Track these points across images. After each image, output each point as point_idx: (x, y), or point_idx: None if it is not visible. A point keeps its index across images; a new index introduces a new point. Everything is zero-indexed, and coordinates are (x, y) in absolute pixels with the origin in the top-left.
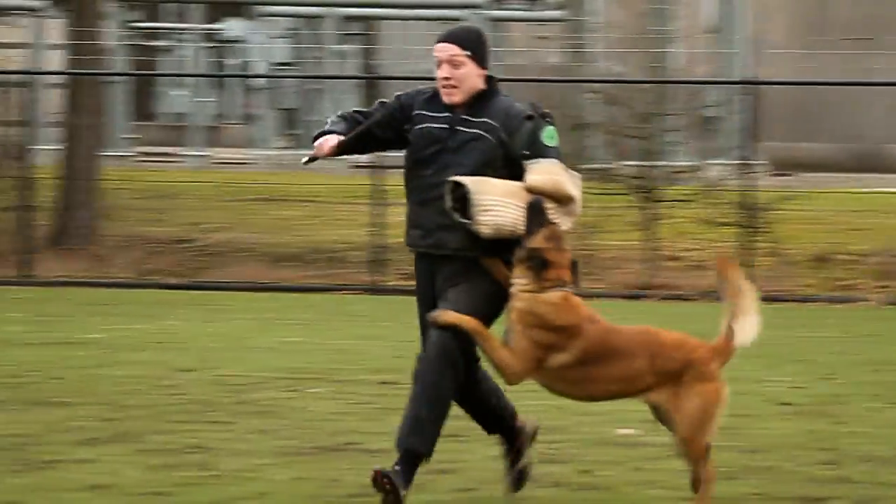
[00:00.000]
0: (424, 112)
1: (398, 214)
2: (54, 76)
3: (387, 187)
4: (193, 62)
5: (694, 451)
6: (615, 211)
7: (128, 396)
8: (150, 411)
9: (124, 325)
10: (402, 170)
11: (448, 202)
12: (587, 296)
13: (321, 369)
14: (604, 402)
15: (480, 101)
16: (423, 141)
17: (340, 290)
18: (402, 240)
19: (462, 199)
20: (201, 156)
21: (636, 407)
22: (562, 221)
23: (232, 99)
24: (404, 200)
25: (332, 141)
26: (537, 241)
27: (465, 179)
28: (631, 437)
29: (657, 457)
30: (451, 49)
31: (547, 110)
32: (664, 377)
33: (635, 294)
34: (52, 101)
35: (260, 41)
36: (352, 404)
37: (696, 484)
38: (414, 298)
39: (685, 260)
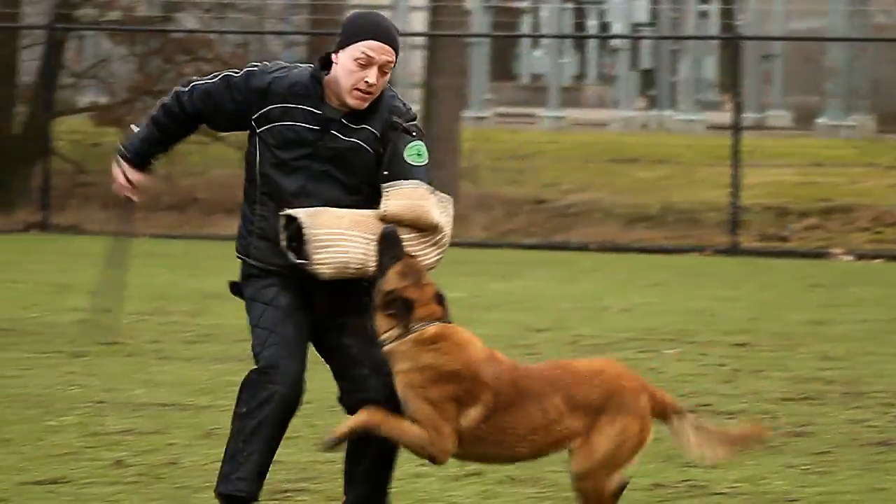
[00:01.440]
0: (289, 105)
1: (756, 175)
2: (416, 38)
3: (745, 148)
4: (553, 23)
5: (591, 491)
6: None
7: None
8: None
9: (480, 285)
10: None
11: (283, 239)
12: None
13: (676, 330)
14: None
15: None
16: (287, 142)
17: (697, 251)
18: (760, 201)
19: (298, 234)
20: (559, 117)
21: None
22: (425, 253)
23: (591, 59)
24: (760, 162)
25: (127, 176)
26: (391, 281)
27: (299, 212)
28: None
29: None
30: (389, 54)
31: (413, 121)
32: (586, 413)
33: None
34: (413, 62)
35: (620, 1)
36: (706, 366)
37: None
38: (769, 260)
39: None
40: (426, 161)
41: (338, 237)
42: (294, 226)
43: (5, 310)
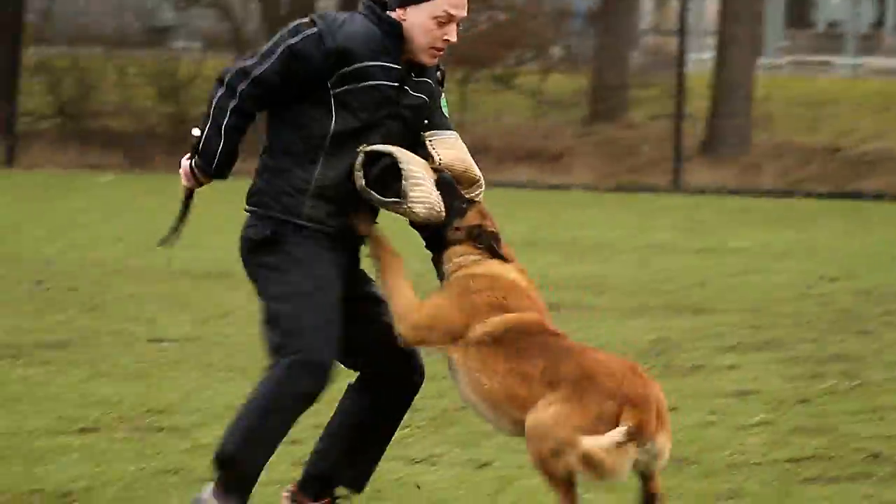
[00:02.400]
0: (378, 63)
1: None
2: None
3: None
4: None
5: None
6: None
7: (773, 304)
8: (795, 319)
9: (771, 234)
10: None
11: (360, 179)
12: None
13: None
14: None
15: None
16: (369, 102)
17: None
18: None
19: (384, 172)
20: (856, 65)
21: None
22: None
23: (890, 6)
24: None
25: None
26: (474, 217)
27: (391, 148)
28: None
29: None
30: (465, 8)
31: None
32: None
33: None
34: (709, 9)
35: None
36: None
37: None
38: None
39: None
40: None
41: (426, 179)
42: (382, 163)
43: None
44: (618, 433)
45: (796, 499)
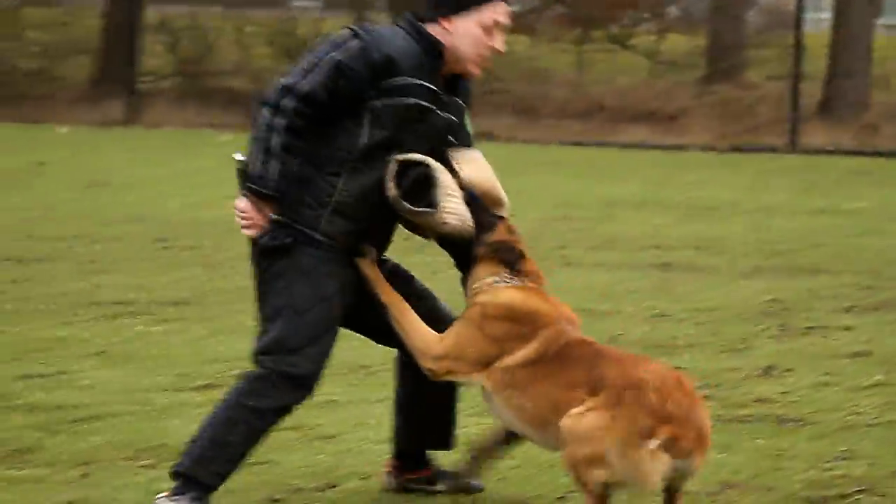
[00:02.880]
0: (417, 81)
1: None
2: None
3: None
4: None
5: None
6: None
7: (888, 266)
8: None
9: (888, 195)
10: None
11: (393, 189)
12: None
13: None
14: None
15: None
16: (403, 119)
17: None
18: None
19: (417, 182)
20: None
21: None
22: None
23: None
24: None
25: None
26: (501, 233)
27: (426, 158)
28: None
29: None
30: (510, 15)
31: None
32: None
33: None
34: None
35: None
36: None
37: None
38: None
39: None
40: None
41: (456, 189)
42: (415, 172)
43: None
44: (653, 443)
45: None
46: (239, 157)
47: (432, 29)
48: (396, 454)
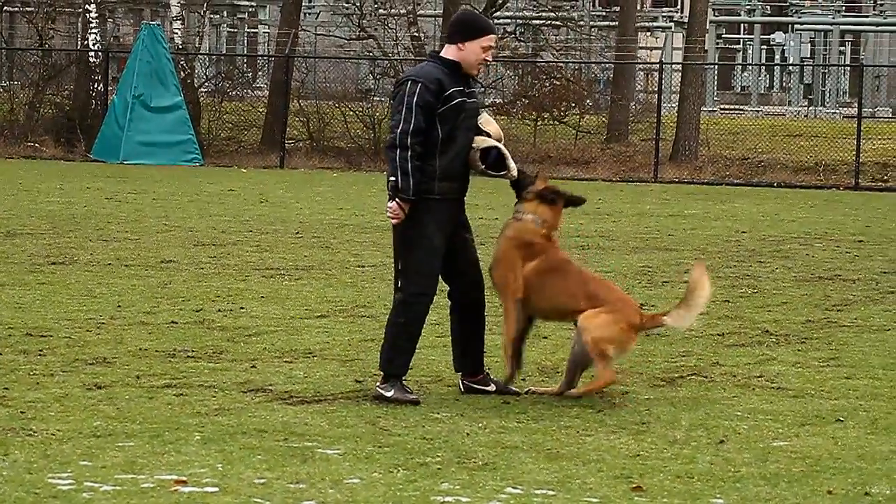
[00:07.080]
0: (454, 89)
1: None
2: None
3: None
4: None
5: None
6: None
7: (699, 242)
8: None
9: (707, 206)
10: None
11: (480, 165)
12: None
13: None
14: None
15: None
16: (457, 113)
17: None
18: None
19: (497, 158)
20: (757, 110)
21: None
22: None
23: (777, 78)
24: None
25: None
26: (541, 183)
27: (497, 143)
28: None
29: None
30: (497, 41)
31: None
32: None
33: None
34: (674, 78)
35: None
36: None
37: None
38: None
39: None
40: None
41: (510, 159)
42: (493, 154)
43: None
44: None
45: None
46: (391, 178)
47: (450, 49)
48: (459, 368)
